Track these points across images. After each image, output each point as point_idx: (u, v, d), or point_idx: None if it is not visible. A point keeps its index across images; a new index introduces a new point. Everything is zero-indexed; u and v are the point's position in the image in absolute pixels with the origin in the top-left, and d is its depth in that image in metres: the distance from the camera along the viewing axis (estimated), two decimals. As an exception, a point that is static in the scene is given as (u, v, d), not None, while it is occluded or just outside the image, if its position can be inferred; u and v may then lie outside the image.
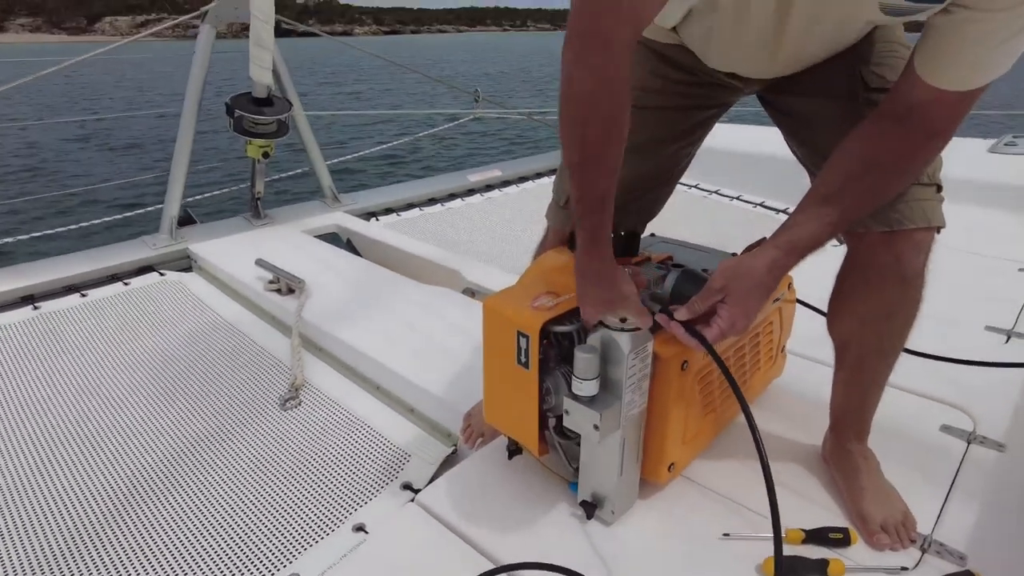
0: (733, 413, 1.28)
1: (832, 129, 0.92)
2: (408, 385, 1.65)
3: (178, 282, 2.40)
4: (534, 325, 0.95)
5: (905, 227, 0.91)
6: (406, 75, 20.50)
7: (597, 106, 0.79)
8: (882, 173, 0.83)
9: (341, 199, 3.11)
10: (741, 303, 0.85)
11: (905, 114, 0.80)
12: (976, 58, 0.73)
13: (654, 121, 1.08)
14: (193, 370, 1.84)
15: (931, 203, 0.92)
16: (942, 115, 0.79)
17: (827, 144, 0.89)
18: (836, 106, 0.96)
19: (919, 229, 0.91)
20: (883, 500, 1.06)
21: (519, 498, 1.13)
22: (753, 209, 3.44)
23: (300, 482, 1.39)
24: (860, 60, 0.93)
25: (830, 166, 0.85)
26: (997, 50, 0.72)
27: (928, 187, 0.92)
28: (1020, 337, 1.72)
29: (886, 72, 0.92)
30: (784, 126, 1.08)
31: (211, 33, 2.53)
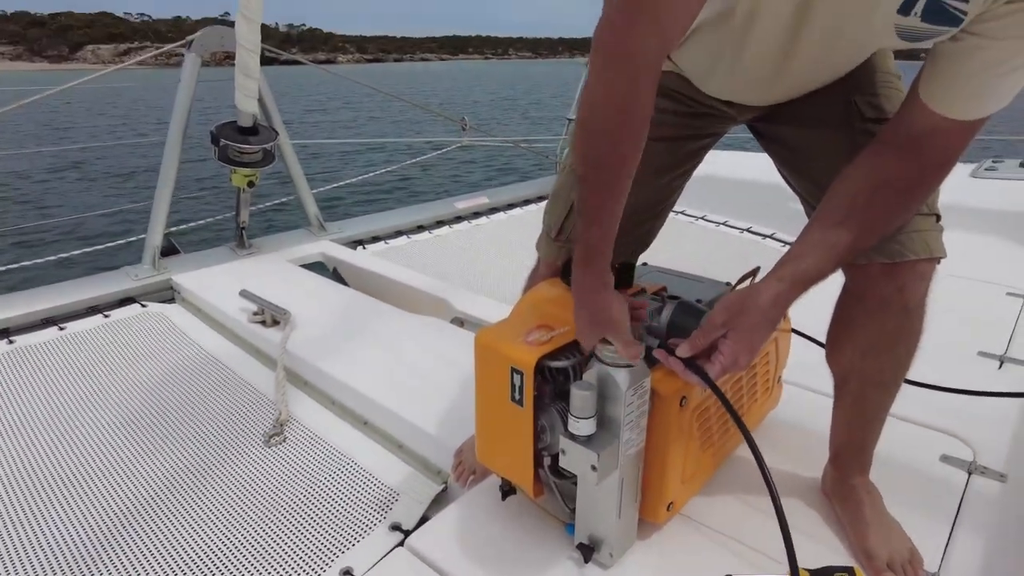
0: (730, 448, 1.25)
1: (828, 159, 0.91)
2: (396, 420, 1.61)
3: (160, 314, 2.34)
4: (528, 361, 0.92)
5: (907, 258, 0.90)
6: (392, 103, 20.65)
7: (607, 121, 0.78)
8: (887, 203, 0.82)
9: (327, 227, 3.07)
10: (745, 339, 0.83)
11: (910, 143, 0.79)
12: (983, 87, 0.72)
13: (649, 152, 1.05)
14: (173, 405, 1.78)
15: (932, 233, 0.91)
16: (948, 144, 0.78)
17: (823, 174, 0.88)
18: (831, 136, 0.95)
19: (921, 260, 0.90)
20: (888, 536, 1.03)
21: (514, 541, 1.09)
22: (739, 235, 3.44)
23: (285, 523, 1.34)
24: (854, 89, 0.93)
25: (833, 196, 0.84)
26: (1006, 79, 0.71)
27: (928, 217, 0.91)
28: (1013, 362, 1.71)
29: (882, 102, 0.91)
30: (777, 155, 1.07)
31: (196, 62, 2.52)
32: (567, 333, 0.99)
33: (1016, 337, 1.85)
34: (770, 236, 3.37)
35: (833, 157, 0.90)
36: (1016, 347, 1.79)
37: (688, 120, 1.05)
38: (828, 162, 0.90)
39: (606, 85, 0.76)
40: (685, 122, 1.05)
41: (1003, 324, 1.93)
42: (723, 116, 1.04)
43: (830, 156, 0.92)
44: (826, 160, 0.92)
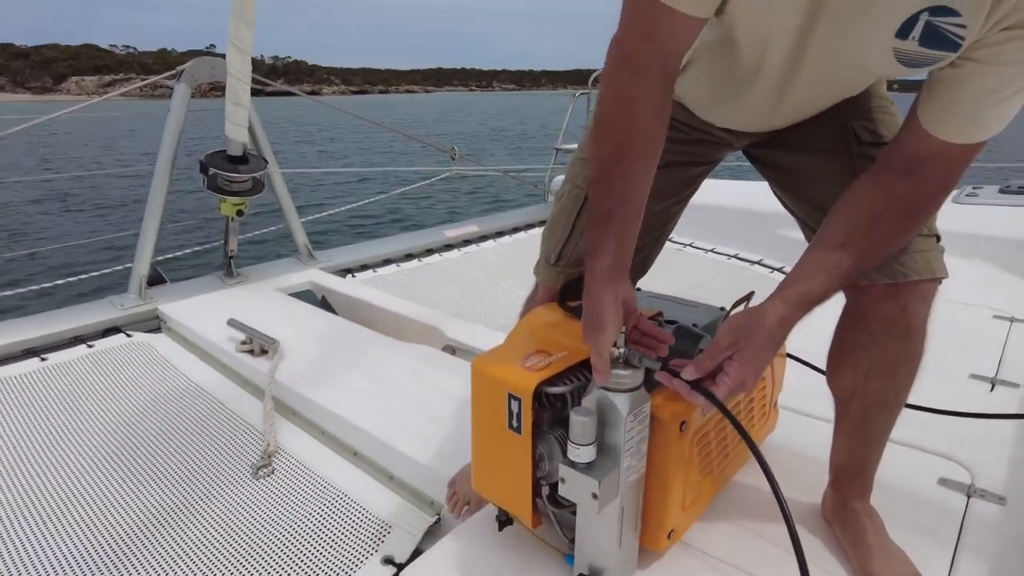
0: (728, 474, 1.24)
1: (827, 183, 0.92)
2: (387, 450, 1.57)
3: (146, 344, 2.30)
4: (527, 386, 0.91)
5: (910, 278, 0.90)
6: (381, 133, 20.77)
7: (611, 123, 0.83)
8: (889, 225, 0.83)
9: (316, 256, 3.06)
10: (751, 360, 0.82)
11: (910, 167, 0.80)
12: (982, 112, 0.73)
13: None
14: (159, 437, 1.74)
15: (933, 254, 0.92)
16: (948, 167, 0.79)
17: (822, 198, 0.89)
18: (830, 160, 0.96)
19: (924, 280, 0.91)
20: (892, 561, 1.02)
21: (512, 572, 1.06)
22: (728, 261, 3.47)
23: (273, 557, 1.30)
24: (850, 115, 0.94)
25: (834, 218, 0.85)
26: (1004, 104, 0.72)
27: (929, 238, 0.92)
28: (1005, 384, 1.71)
29: (878, 127, 0.93)
30: (775, 180, 1.08)
31: (186, 92, 2.52)
32: (565, 358, 0.98)
33: (1006, 359, 1.86)
34: (758, 262, 3.39)
35: (832, 181, 0.91)
36: (1006, 369, 1.79)
37: (686, 147, 1.06)
38: (827, 186, 0.91)
39: (612, 85, 0.82)
40: (683, 148, 1.05)
41: (992, 347, 1.94)
42: (721, 143, 1.05)
43: (829, 180, 0.93)
44: (825, 184, 0.93)
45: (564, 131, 4.44)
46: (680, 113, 1.02)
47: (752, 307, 0.85)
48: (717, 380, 0.83)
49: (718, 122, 1.00)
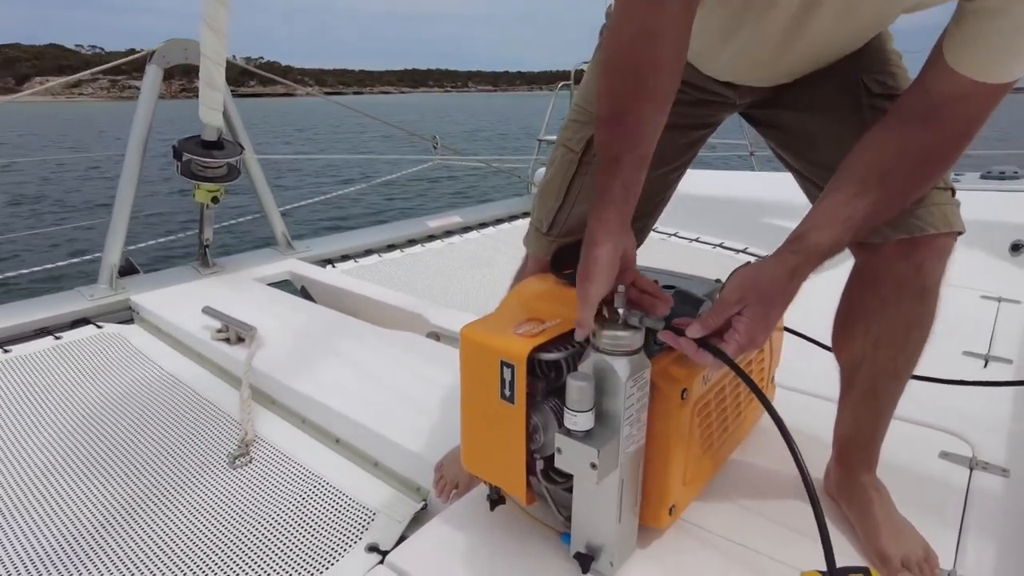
0: (728, 451, 1.19)
1: (836, 139, 0.88)
2: (371, 436, 1.51)
3: (118, 335, 2.21)
4: (520, 352, 0.85)
5: (927, 233, 0.86)
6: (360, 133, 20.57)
7: (627, 58, 0.77)
8: (906, 175, 0.78)
9: (295, 246, 2.98)
10: (761, 316, 0.77)
11: (932, 112, 0.75)
12: (1016, 45, 0.68)
13: None
14: (130, 428, 1.66)
15: (951, 207, 0.88)
16: (973, 110, 0.74)
17: (830, 155, 0.84)
18: (838, 115, 0.91)
19: (941, 234, 0.87)
20: (900, 535, 0.98)
21: (505, 552, 1.01)
22: (712, 250, 3.45)
23: (252, 548, 1.23)
24: (859, 68, 0.90)
25: (848, 169, 0.80)
26: None
27: (945, 191, 0.88)
28: (997, 360, 1.70)
29: (889, 79, 0.89)
30: (778, 141, 1.03)
31: (158, 74, 2.43)
32: (559, 325, 0.92)
33: (997, 337, 1.85)
34: (742, 251, 3.38)
35: (841, 136, 0.86)
36: (998, 346, 1.78)
37: (687, 109, 1.01)
38: (836, 142, 0.86)
39: (630, 16, 0.76)
40: (684, 111, 1.00)
41: (983, 326, 1.93)
42: (723, 102, 1.01)
43: (838, 135, 0.89)
44: (834, 140, 0.89)
45: (547, 123, 4.40)
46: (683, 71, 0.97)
47: (759, 260, 0.80)
48: (726, 337, 0.78)
49: (721, 75, 0.95)
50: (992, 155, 3.80)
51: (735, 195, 3.58)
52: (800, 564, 0.96)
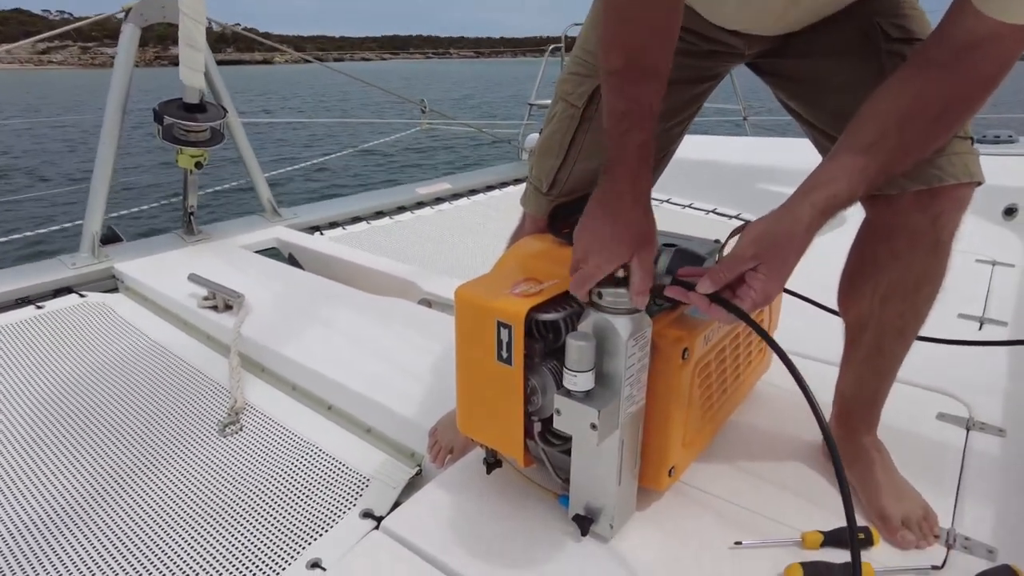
0: (727, 413, 1.18)
1: (851, 85, 0.84)
2: (363, 402, 1.49)
3: (101, 304, 2.17)
4: (518, 312, 0.83)
5: (947, 183, 0.83)
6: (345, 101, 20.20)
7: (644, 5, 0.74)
8: (925, 124, 0.75)
9: (282, 213, 2.92)
10: (777, 272, 0.75)
11: (956, 57, 0.71)
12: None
13: None
14: (117, 398, 1.63)
15: (971, 156, 0.85)
16: (1000, 55, 0.70)
17: (845, 102, 0.80)
18: (854, 62, 0.87)
19: (961, 185, 0.84)
20: (901, 495, 0.97)
21: (501, 517, 1.00)
22: (705, 216, 3.43)
23: (245, 516, 1.21)
24: (874, 12, 0.86)
25: (865, 117, 0.76)
26: None
27: (965, 140, 0.85)
28: (992, 323, 1.70)
29: (906, 23, 0.84)
30: (788, 91, 0.99)
31: (135, 33, 2.34)
32: (557, 285, 0.90)
33: (991, 300, 1.84)
34: (736, 216, 3.36)
35: (858, 82, 0.83)
36: (992, 309, 1.78)
37: (693, 60, 0.96)
38: (852, 88, 0.83)
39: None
40: (690, 63, 0.96)
41: (978, 288, 1.92)
42: (730, 52, 0.96)
43: (854, 81, 0.85)
44: (850, 86, 0.85)
45: (537, 88, 4.32)
46: (689, 20, 0.93)
47: (773, 213, 0.77)
48: (739, 293, 0.76)
49: (730, 24, 0.91)
50: (987, 119, 3.77)
51: (728, 160, 3.55)
52: (800, 525, 0.95)
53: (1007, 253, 2.22)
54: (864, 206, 0.93)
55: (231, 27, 2.58)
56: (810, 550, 0.92)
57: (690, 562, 0.91)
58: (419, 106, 3.55)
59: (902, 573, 0.88)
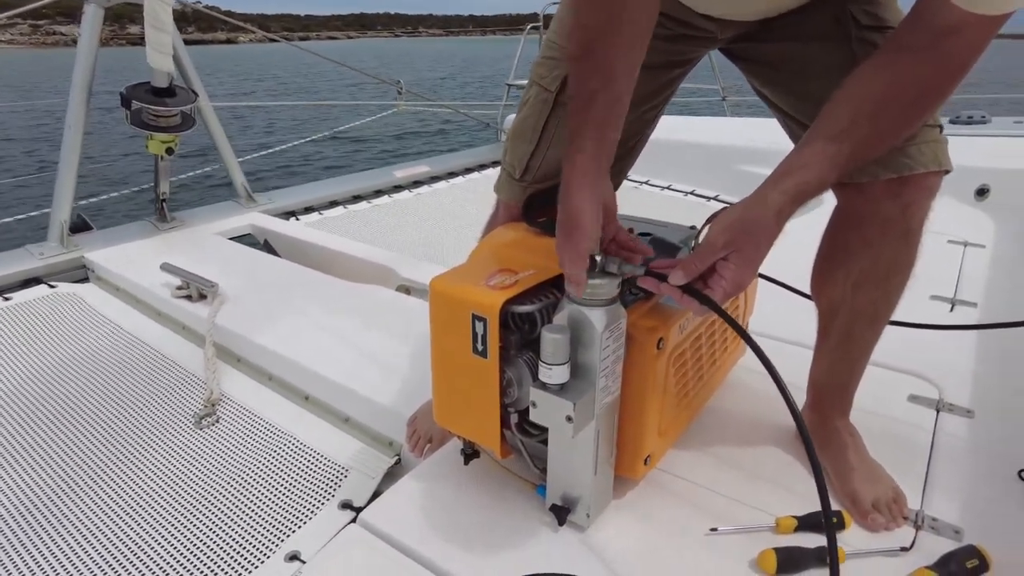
0: (703, 400, 1.19)
1: (824, 72, 0.84)
2: (341, 392, 1.48)
3: (72, 294, 2.12)
4: (493, 304, 0.82)
5: (917, 171, 0.83)
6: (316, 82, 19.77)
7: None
8: (898, 111, 0.75)
9: (256, 198, 2.87)
10: (750, 260, 0.75)
11: (926, 45, 0.71)
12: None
13: None
14: (89, 390, 1.60)
15: (940, 145, 0.86)
16: (968, 44, 0.70)
17: (818, 89, 0.80)
18: (826, 48, 0.87)
19: (930, 173, 0.84)
20: (872, 478, 0.99)
21: (479, 508, 1.00)
22: (684, 198, 3.43)
23: (222, 509, 1.20)
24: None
25: (837, 104, 0.76)
26: None
27: (934, 128, 0.86)
28: (963, 304, 1.72)
29: (878, 10, 0.84)
30: (761, 77, 0.99)
31: (98, 13, 2.26)
32: (533, 276, 0.89)
33: (962, 281, 1.87)
34: (714, 198, 3.37)
35: (829, 70, 0.83)
36: (963, 290, 1.80)
37: (666, 45, 0.96)
38: (825, 76, 0.83)
39: None
40: (663, 47, 0.95)
41: (949, 270, 1.95)
42: (703, 37, 0.95)
43: (826, 67, 0.85)
44: (822, 74, 0.85)
45: (515, 67, 4.27)
46: (660, 4, 0.91)
47: (744, 202, 0.77)
48: (711, 283, 0.76)
49: (703, 8, 0.90)
50: (962, 99, 3.80)
51: (707, 141, 3.55)
52: (775, 510, 0.97)
53: (979, 234, 2.25)
54: (836, 193, 0.93)
55: (193, 5, 2.50)
56: (784, 535, 0.93)
57: (666, 550, 0.92)
58: (395, 87, 3.49)
59: (872, 555, 0.90)
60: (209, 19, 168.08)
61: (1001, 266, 1.99)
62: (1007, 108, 3.39)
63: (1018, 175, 2.49)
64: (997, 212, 2.44)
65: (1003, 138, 2.87)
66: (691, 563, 0.89)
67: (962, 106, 3.27)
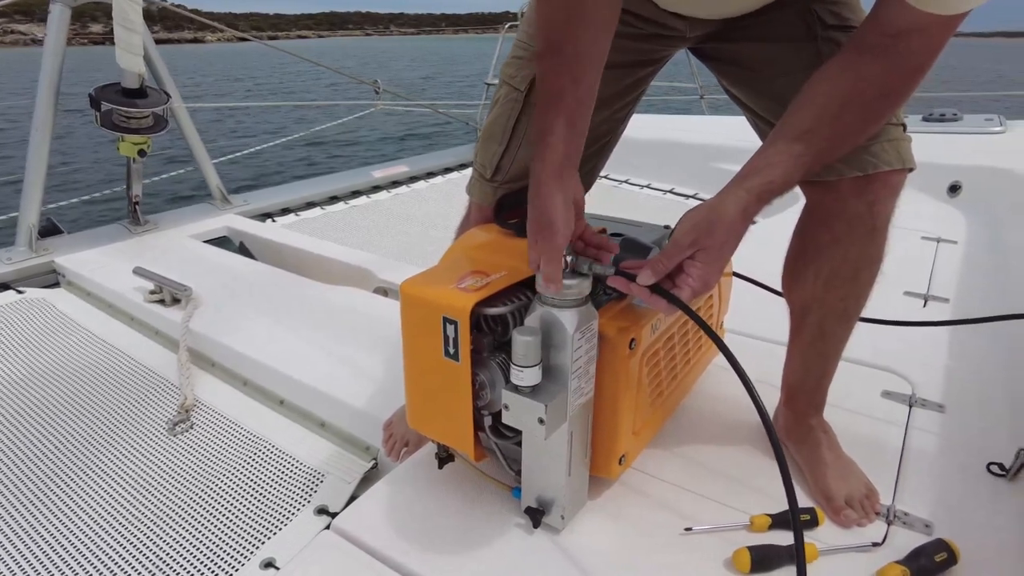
0: (677, 400, 1.19)
1: (790, 72, 0.85)
2: (316, 396, 1.47)
3: (41, 300, 2.08)
4: (463, 307, 0.81)
5: (881, 169, 0.84)
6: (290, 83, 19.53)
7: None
8: (860, 111, 0.75)
9: (231, 200, 2.84)
10: (715, 258, 0.75)
11: (885, 46, 0.72)
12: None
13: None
14: (60, 398, 1.57)
15: (903, 143, 0.87)
16: (925, 45, 0.71)
17: (785, 89, 0.81)
18: (792, 48, 0.88)
19: (894, 171, 0.85)
20: (845, 475, 1.00)
21: (454, 512, 0.99)
22: (663, 196, 3.45)
23: (197, 516, 1.19)
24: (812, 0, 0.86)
25: (801, 104, 0.77)
26: None
27: (897, 126, 0.87)
28: (936, 300, 1.74)
29: (842, 10, 0.85)
30: (729, 76, 0.99)
31: (65, 13, 2.22)
32: (505, 278, 0.88)
33: (935, 277, 1.89)
34: (693, 196, 3.39)
35: (795, 70, 0.83)
36: (936, 286, 1.83)
37: (635, 44, 0.96)
38: (790, 75, 0.83)
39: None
40: (633, 46, 0.95)
41: (923, 266, 1.97)
42: (672, 36, 0.95)
43: (793, 67, 0.86)
44: (789, 74, 0.86)
45: (495, 65, 4.26)
46: (629, 2, 0.91)
47: (710, 201, 0.77)
48: (678, 282, 0.76)
49: (672, 6, 0.90)
50: (934, 97, 3.86)
51: (685, 140, 3.57)
52: (749, 509, 0.97)
53: (951, 230, 2.28)
54: (805, 192, 0.94)
55: (159, 4, 2.46)
56: (758, 533, 0.94)
57: (641, 550, 0.92)
58: (373, 87, 3.47)
59: (845, 551, 0.91)
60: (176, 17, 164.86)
61: (973, 262, 2.02)
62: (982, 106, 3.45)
63: (988, 172, 2.53)
64: (969, 208, 2.48)
65: (974, 135, 2.92)
66: (666, 563, 0.89)
67: (934, 104, 3.32)
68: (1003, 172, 2.46)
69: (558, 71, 0.75)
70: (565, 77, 0.75)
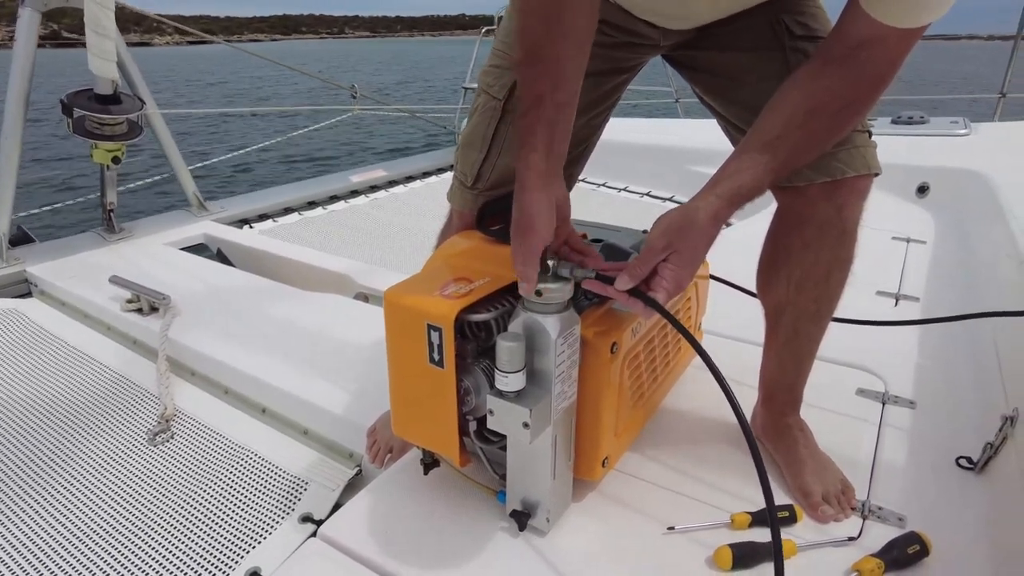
0: (658, 400, 1.21)
1: (760, 81, 0.88)
2: (299, 404, 1.46)
3: (12, 311, 2.05)
4: (447, 314, 0.82)
5: (848, 175, 0.87)
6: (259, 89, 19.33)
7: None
8: (826, 119, 0.78)
9: (209, 207, 2.81)
10: (687, 261, 0.77)
11: (848, 57, 0.75)
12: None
13: None
14: (36, 410, 1.55)
15: (869, 149, 0.90)
16: (886, 56, 0.74)
17: (755, 97, 0.83)
18: (762, 57, 0.91)
19: (860, 176, 0.88)
20: (822, 471, 1.02)
21: (440, 516, 1.00)
22: (640, 199, 3.49)
23: (180, 527, 1.18)
24: (780, 9, 0.89)
25: (770, 112, 0.79)
26: None
27: (863, 133, 0.90)
28: (907, 299, 1.79)
29: (809, 20, 0.88)
30: (702, 84, 1.02)
31: (35, 18, 2.19)
32: (488, 284, 0.89)
33: (906, 276, 1.94)
34: (670, 199, 3.43)
35: (765, 78, 0.86)
36: (907, 285, 1.87)
37: (609, 52, 0.98)
38: (760, 84, 0.86)
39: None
40: (606, 54, 0.97)
41: (893, 266, 2.02)
42: (646, 44, 0.98)
43: (762, 75, 0.89)
44: (758, 82, 0.89)
45: (471, 70, 4.27)
46: (604, 12, 0.93)
47: (682, 205, 0.79)
48: (653, 285, 0.78)
49: (645, 15, 0.92)
50: (901, 100, 3.95)
51: (661, 143, 3.61)
52: (730, 507, 0.99)
53: (920, 229, 2.34)
54: (776, 197, 0.96)
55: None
56: (739, 530, 0.96)
57: (625, 550, 0.93)
58: (349, 91, 3.46)
59: (822, 547, 0.93)
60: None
61: (941, 261, 2.07)
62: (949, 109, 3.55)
63: (954, 173, 2.60)
64: (937, 209, 2.54)
65: (941, 137, 3.00)
66: (649, 562, 0.91)
67: (902, 107, 3.40)
68: (969, 173, 2.53)
69: (539, 78, 0.76)
70: (546, 83, 0.76)
